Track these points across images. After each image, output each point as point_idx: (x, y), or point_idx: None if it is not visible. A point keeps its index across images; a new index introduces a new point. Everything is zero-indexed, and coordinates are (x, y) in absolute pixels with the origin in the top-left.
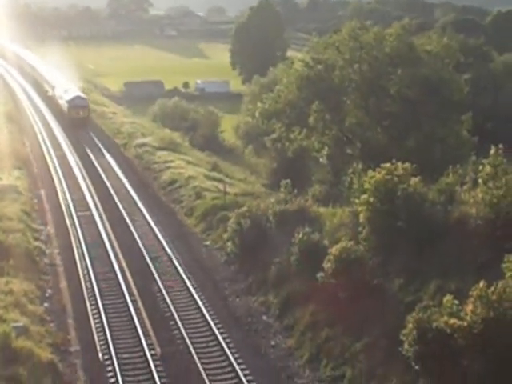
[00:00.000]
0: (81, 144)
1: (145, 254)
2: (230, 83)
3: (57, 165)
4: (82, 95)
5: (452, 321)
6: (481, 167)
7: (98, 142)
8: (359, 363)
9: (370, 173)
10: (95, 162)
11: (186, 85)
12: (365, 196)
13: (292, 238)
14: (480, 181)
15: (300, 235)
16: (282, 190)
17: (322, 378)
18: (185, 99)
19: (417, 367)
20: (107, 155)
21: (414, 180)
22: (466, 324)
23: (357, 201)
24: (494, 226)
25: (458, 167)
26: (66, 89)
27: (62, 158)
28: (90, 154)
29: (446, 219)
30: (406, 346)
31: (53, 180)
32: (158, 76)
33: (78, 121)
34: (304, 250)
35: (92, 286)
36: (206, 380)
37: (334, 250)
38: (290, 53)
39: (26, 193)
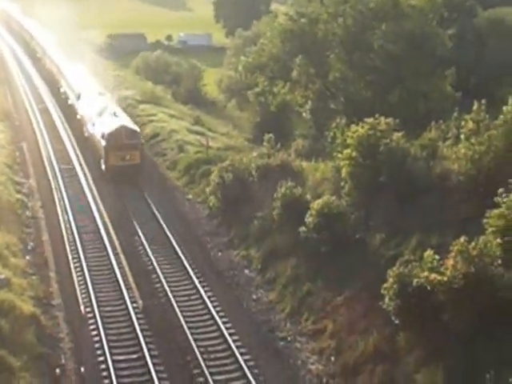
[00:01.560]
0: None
1: (128, 206)
2: (213, 36)
3: (39, 118)
4: (130, 124)
5: (432, 276)
6: (463, 123)
7: None
8: (340, 317)
9: (353, 127)
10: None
11: (169, 38)
12: (347, 151)
13: (274, 193)
14: (462, 136)
15: (282, 189)
16: (264, 144)
17: (303, 331)
18: (168, 52)
19: (397, 321)
20: None
21: (396, 135)
22: (446, 279)
23: (339, 155)
24: (476, 182)
25: (441, 123)
26: (101, 106)
27: (45, 112)
28: None
29: (428, 175)
30: (386, 300)
31: (35, 133)
32: (143, 29)
33: (122, 171)
34: (286, 205)
35: (74, 240)
36: (188, 333)
37: (316, 204)
38: (273, 6)
39: (8, 146)
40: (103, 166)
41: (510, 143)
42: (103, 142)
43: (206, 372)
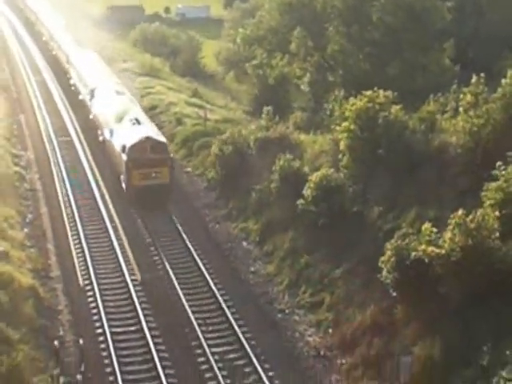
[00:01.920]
0: (61, 68)
1: None
2: (211, 8)
3: (37, 91)
4: (156, 134)
5: (430, 249)
6: (462, 96)
7: None
8: (338, 289)
9: (352, 100)
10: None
11: (167, 10)
12: (346, 123)
13: (273, 165)
14: (461, 109)
15: (281, 162)
16: (263, 116)
17: (300, 303)
18: (165, 24)
19: (395, 294)
20: None
21: (395, 108)
22: (444, 252)
23: (338, 128)
24: (474, 155)
25: (440, 95)
26: (120, 109)
27: (42, 84)
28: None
29: (426, 147)
30: (384, 273)
31: (32, 105)
32: (141, 1)
33: (147, 192)
34: (284, 177)
35: (72, 212)
36: (186, 305)
37: (315, 177)
38: None
39: (6, 118)
40: (123, 185)
41: (509, 116)
42: (124, 157)
43: (204, 344)
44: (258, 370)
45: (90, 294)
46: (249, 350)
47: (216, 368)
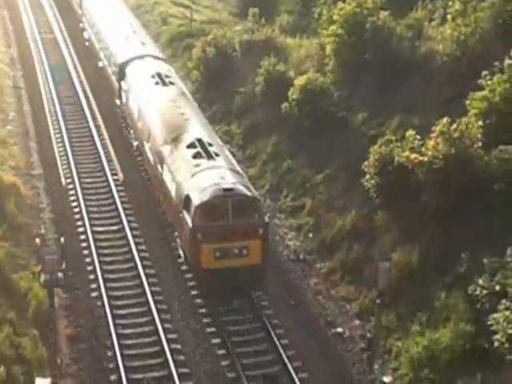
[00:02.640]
0: None
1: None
2: None
3: None
4: (242, 182)
5: (413, 156)
6: (450, 3)
7: None
8: (319, 194)
9: (340, 4)
10: None
11: None
12: (333, 27)
13: (257, 69)
14: (449, 17)
15: (266, 65)
16: (249, 18)
17: (282, 208)
18: None
19: (376, 200)
20: None
21: (383, 13)
22: (426, 159)
23: (324, 32)
24: (460, 64)
25: (428, 2)
26: (176, 120)
27: None
28: None
29: (412, 55)
30: (366, 178)
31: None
32: None
33: (226, 278)
34: (269, 81)
35: (55, 110)
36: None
37: (300, 80)
38: None
39: None
40: (182, 256)
41: (497, 26)
42: (188, 220)
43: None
44: None
45: (72, 192)
46: None
47: None
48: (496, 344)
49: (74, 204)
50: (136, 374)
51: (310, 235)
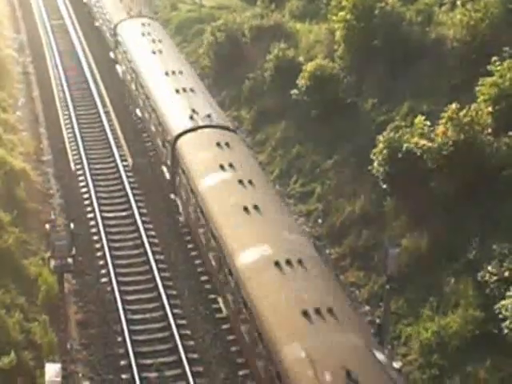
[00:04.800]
0: None
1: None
2: None
3: None
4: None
5: (422, 142)
6: None
7: None
8: (328, 180)
9: None
10: None
11: None
12: (342, 13)
13: (267, 54)
14: (459, 2)
15: (275, 51)
16: (258, 4)
17: (291, 193)
18: None
19: (385, 186)
20: None
21: None
22: (435, 146)
23: (334, 18)
24: (470, 49)
25: None
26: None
27: None
28: None
29: (422, 40)
30: (375, 165)
31: None
32: None
33: None
34: (278, 66)
35: (65, 96)
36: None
37: (309, 66)
38: None
39: None
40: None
41: (507, 11)
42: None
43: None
44: None
45: (82, 178)
46: None
47: None
48: (506, 331)
49: (84, 190)
50: (145, 360)
51: (320, 221)
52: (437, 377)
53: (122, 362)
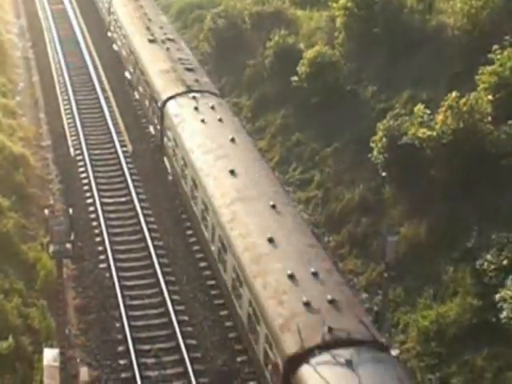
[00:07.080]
0: None
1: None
2: None
3: None
4: None
5: (422, 130)
6: None
7: None
8: (327, 168)
9: None
10: None
11: None
12: (343, 0)
13: (267, 41)
14: None
15: (275, 38)
16: None
17: (290, 180)
18: None
19: (384, 174)
20: None
21: None
22: (435, 134)
23: (334, 5)
24: (471, 37)
25: None
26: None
27: None
28: None
29: (423, 28)
30: (375, 152)
31: None
32: None
33: None
34: (279, 53)
35: (64, 81)
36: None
37: (309, 53)
38: None
39: None
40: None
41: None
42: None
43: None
44: None
45: (81, 164)
46: None
47: None
48: (504, 320)
49: (83, 175)
50: (144, 345)
51: (319, 208)
52: (434, 365)
53: (120, 348)
